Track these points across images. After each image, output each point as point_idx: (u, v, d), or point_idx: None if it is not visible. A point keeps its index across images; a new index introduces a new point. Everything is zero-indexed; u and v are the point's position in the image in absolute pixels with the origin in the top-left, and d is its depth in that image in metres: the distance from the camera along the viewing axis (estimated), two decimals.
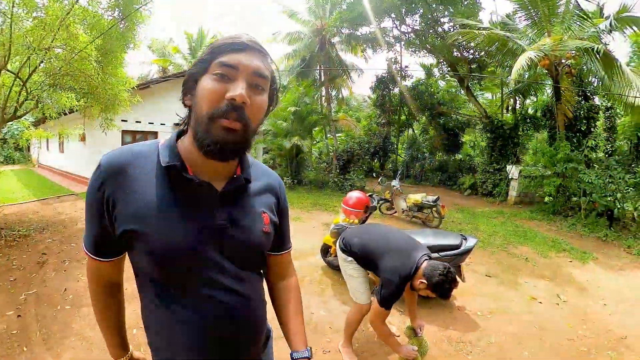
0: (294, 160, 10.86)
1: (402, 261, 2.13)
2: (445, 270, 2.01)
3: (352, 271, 2.47)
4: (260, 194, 0.91)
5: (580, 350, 2.97)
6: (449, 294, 2.03)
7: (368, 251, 2.32)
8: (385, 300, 2.13)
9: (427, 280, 2.02)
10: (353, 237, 2.48)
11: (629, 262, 5.33)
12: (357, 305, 2.50)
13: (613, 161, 7.16)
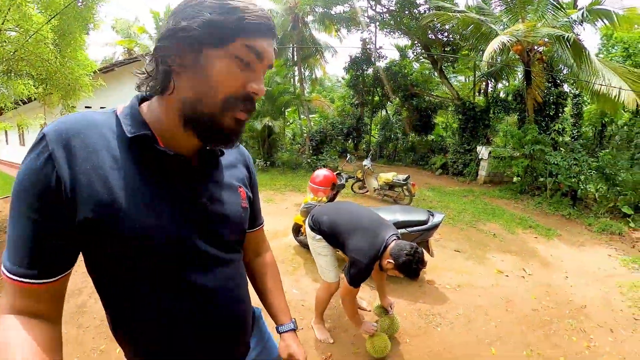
0: (266, 142, 10.59)
1: (369, 241, 2.10)
2: (412, 250, 1.98)
3: (321, 249, 2.42)
4: (232, 167, 0.85)
5: (543, 320, 3.10)
6: (416, 274, 2.01)
7: (336, 230, 2.26)
8: (354, 280, 2.12)
9: (394, 261, 1.99)
10: (322, 215, 2.41)
11: (590, 239, 5.64)
12: (325, 283, 2.46)
13: (578, 145, 7.47)
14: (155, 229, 0.64)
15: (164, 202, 0.66)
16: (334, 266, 2.43)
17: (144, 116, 0.68)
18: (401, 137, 14.37)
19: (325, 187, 3.55)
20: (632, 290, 3.76)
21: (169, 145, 0.67)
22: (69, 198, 0.58)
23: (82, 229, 0.60)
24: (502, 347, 2.69)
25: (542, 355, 2.62)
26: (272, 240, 4.23)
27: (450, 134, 14.03)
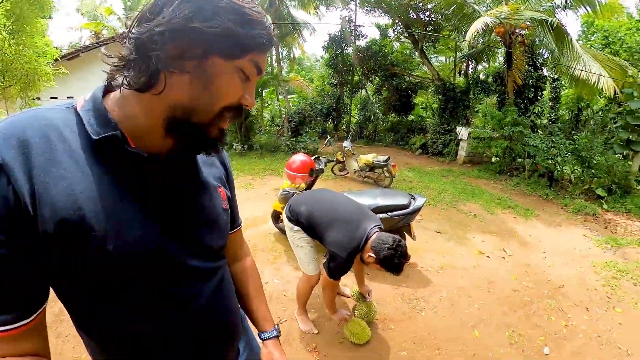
0: (243, 125, 10.20)
1: (349, 234, 1.99)
2: (395, 243, 1.88)
3: (299, 241, 2.29)
4: (209, 166, 0.78)
5: (524, 300, 3.17)
6: (398, 270, 1.91)
7: (314, 222, 2.14)
8: (333, 274, 2.06)
9: (375, 255, 1.90)
10: (300, 205, 2.26)
11: (566, 219, 5.80)
12: (305, 275, 2.36)
13: (556, 128, 7.61)
14: (133, 243, 0.57)
15: (140, 211, 0.59)
16: (314, 258, 2.31)
17: (110, 112, 0.58)
18: (381, 118, 14.24)
19: (303, 173, 3.33)
20: (605, 270, 3.90)
21: (140, 145, 0.59)
22: (31, 216, 0.50)
23: (49, 250, 0.52)
24: (484, 329, 2.71)
25: (523, 336, 2.67)
26: (251, 228, 4.08)
27: (430, 115, 14.07)
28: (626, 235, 5.23)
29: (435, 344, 2.47)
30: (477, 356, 2.42)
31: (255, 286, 0.98)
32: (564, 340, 2.65)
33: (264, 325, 0.93)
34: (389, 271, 1.92)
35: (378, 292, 2.96)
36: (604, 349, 2.59)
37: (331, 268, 2.02)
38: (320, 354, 2.24)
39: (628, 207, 6.30)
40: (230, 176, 0.87)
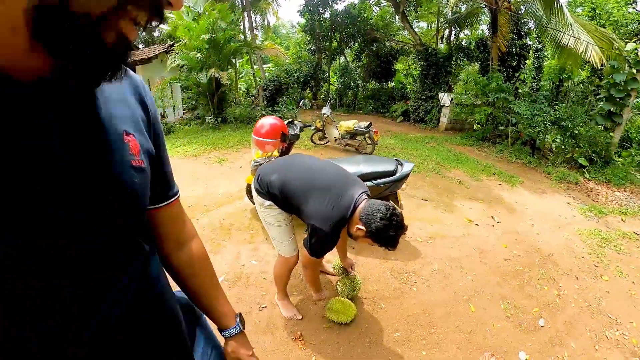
0: (215, 97, 9.51)
1: (333, 202, 1.66)
2: (389, 212, 1.58)
3: (272, 218, 1.94)
4: (117, 104, 0.53)
5: (516, 270, 3.07)
6: (394, 244, 1.62)
7: (289, 191, 1.77)
8: (316, 252, 1.77)
9: (366, 227, 1.60)
10: (270, 174, 1.87)
11: (550, 187, 5.78)
12: (281, 258, 2.03)
13: (541, 96, 7.49)
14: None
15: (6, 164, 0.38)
16: (290, 237, 1.98)
17: None
18: (361, 85, 13.78)
19: (274, 138, 2.79)
20: (590, 238, 3.90)
21: None
22: None
23: None
24: (479, 302, 2.56)
25: (518, 308, 2.57)
26: (225, 205, 3.71)
27: (411, 81, 13.71)
28: (607, 204, 5.29)
29: (430, 322, 2.28)
30: (474, 332, 2.26)
31: (208, 277, 0.81)
32: (557, 311, 2.59)
33: (225, 322, 0.81)
34: (382, 246, 1.63)
35: (365, 268, 2.74)
36: (595, 318, 2.57)
37: (313, 245, 1.71)
38: (306, 342, 2.00)
39: (608, 177, 6.40)
40: (155, 124, 0.62)
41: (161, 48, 11.24)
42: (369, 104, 13.15)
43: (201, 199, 3.86)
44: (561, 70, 8.87)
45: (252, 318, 2.14)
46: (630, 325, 2.53)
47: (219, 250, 2.80)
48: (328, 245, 1.73)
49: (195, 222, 3.31)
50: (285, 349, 1.95)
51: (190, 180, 4.60)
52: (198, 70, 8.91)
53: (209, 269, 0.81)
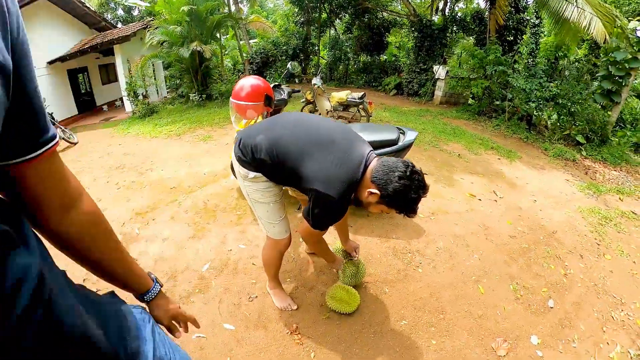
0: (199, 73, 8.96)
1: (340, 161, 1.33)
2: (408, 170, 1.28)
3: (259, 194, 1.58)
4: None
5: (522, 247, 2.93)
6: (414, 209, 1.31)
7: (282, 151, 1.40)
8: (320, 224, 1.46)
9: (381, 189, 1.28)
10: (255, 135, 1.48)
11: (547, 163, 5.66)
12: (270, 240, 1.73)
13: (540, 70, 7.25)
14: None
15: None
16: (280, 216, 1.65)
17: None
18: (352, 58, 13.25)
19: (256, 101, 2.26)
20: (591, 216, 3.82)
21: None
22: None
23: None
24: (488, 283, 2.39)
25: (527, 288, 2.43)
26: (210, 185, 3.41)
27: (404, 54, 13.25)
28: (605, 183, 5.24)
29: (438, 307, 2.09)
30: (485, 316, 2.09)
31: (108, 240, 0.66)
32: (565, 291, 2.49)
33: (143, 284, 0.74)
34: (401, 212, 1.33)
35: (364, 248, 2.52)
36: (601, 298, 2.50)
37: (316, 215, 1.39)
38: (304, 335, 1.78)
39: (604, 156, 6.37)
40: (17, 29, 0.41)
41: (139, 25, 10.56)
42: (361, 78, 12.73)
43: (184, 180, 3.55)
44: (557, 48, 8.66)
45: (241, 310, 1.90)
46: (634, 305, 2.48)
47: (203, 235, 2.53)
48: (335, 215, 1.44)
49: (178, 205, 3.02)
50: (280, 345, 1.73)
51: (174, 160, 4.27)
52: (179, 45, 8.33)
53: (107, 230, 0.66)
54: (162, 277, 2.12)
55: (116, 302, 0.67)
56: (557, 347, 1.98)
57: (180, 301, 1.95)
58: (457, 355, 1.80)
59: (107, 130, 7.22)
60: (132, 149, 5.11)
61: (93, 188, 3.56)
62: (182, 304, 1.93)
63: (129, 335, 0.62)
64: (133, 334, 0.63)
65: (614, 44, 6.65)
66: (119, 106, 11.82)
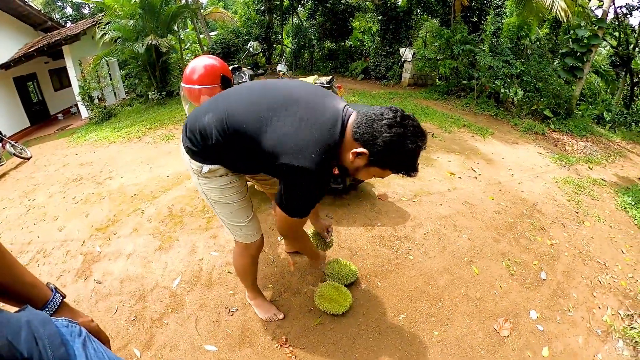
0: (157, 69, 8.40)
1: (307, 122, 1.05)
2: (398, 115, 1.00)
3: (217, 192, 1.28)
4: None
5: (508, 222, 2.90)
6: (415, 163, 1.04)
7: (237, 125, 1.09)
8: (297, 209, 1.15)
9: (369, 146, 1.01)
10: (203, 115, 1.17)
11: (519, 137, 5.75)
12: (239, 245, 1.46)
13: (506, 48, 7.38)
14: None
15: None
16: (247, 216, 1.36)
17: None
18: (317, 45, 12.99)
19: (211, 84, 1.82)
20: (566, 186, 3.91)
21: None
22: None
23: None
24: (481, 263, 2.31)
25: (519, 263, 2.39)
26: (174, 188, 3.10)
27: (369, 38, 13.17)
28: (574, 154, 5.41)
29: (435, 295, 1.96)
30: (483, 298, 1.99)
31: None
32: (554, 261, 2.49)
33: (40, 294, 0.66)
34: (399, 171, 1.05)
35: (349, 240, 2.35)
36: (587, 264, 2.55)
37: (292, 198, 1.11)
38: (295, 347, 1.58)
39: (571, 129, 6.62)
40: None
41: (89, 22, 9.71)
42: (327, 64, 12.53)
43: (146, 186, 3.22)
44: (519, 28, 8.88)
45: (221, 328, 1.67)
46: (617, 268, 2.56)
47: (170, 245, 2.25)
48: (314, 194, 1.13)
49: (141, 214, 2.72)
50: None
51: (134, 165, 3.90)
52: (134, 41, 7.72)
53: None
54: (131, 299, 1.85)
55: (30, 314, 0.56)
56: (555, 319, 1.97)
57: (152, 324, 1.70)
58: (461, 343, 1.69)
59: (63, 140, 6.63)
60: (89, 157, 4.67)
61: (49, 206, 3.19)
62: (155, 328, 1.68)
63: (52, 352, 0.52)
64: (57, 352, 0.53)
65: (576, 22, 6.88)
66: (74, 113, 10.96)
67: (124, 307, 1.81)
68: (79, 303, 1.89)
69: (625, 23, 10.86)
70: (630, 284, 2.38)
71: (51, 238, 2.56)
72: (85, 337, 0.62)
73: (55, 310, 0.68)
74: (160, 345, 1.60)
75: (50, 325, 0.56)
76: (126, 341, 1.63)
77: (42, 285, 0.68)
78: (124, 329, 1.69)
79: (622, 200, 3.78)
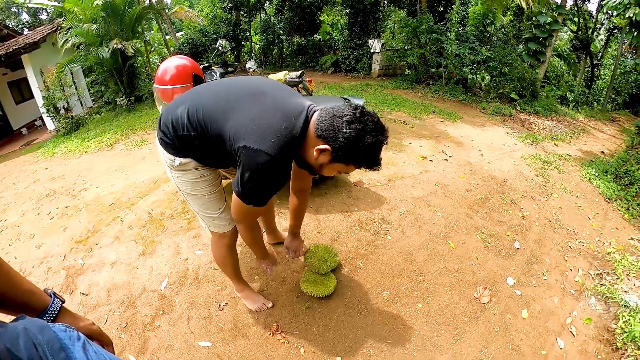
0: (124, 74, 8.14)
1: (271, 110, 1.09)
2: (358, 112, 1.06)
3: (189, 185, 1.32)
4: None
5: (480, 199, 3.05)
6: (377, 157, 1.09)
7: (206, 116, 1.13)
8: (252, 195, 1.14)
9: (331, 142, 1.05)
10: (175, 108, 1.20)
11: (487, 120, 6.01)
12: (214, 235, 1.50)
13: (471, 35, 7.63)
14: None
15: None
16: (219, 207, 1.40)
17: None
18: (286, 40, 12.97)
19: (183, 83, 1.86)
20: (534, 162, 4.15)
21: None
22: None
23: None
24: (457, 237, 2.44)
25: (493, 235, 2.53)
26: (152, 193, 3.07)
27: (338, 32, 13.24)
28: (540, 132, 5.71)
29: (415, 270, 2.06)
30: (461, 270, 2.11)
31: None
32: (526, 231, 2.66)
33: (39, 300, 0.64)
34: (361, 165, 1.11)
35: (329, 226, 2.42)
36: (557, 232, 2.71)
37: (248, 183, 1.09)
38: (287, 333, 1.64)
39: (536, 109, 7.00)
40: None
41: (49, 28, 9.19)
42: (297, 60, 12.59)
43: (123, 193, 3.17)
44: (485, 16, 9.22)
45: (213, 323, 1.71)
46: (585, 233, 2.75)
47: (154, 250, 2.25)
48: (272, 182, 1.13)
49: (120, 222, 2.68)
50: (265, 350, 1.57)
51: (108, 174, 3.81)
52: (97, 46, 7.43)
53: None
54: (120, 307, 1.85)
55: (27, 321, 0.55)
56: (531, 283, 2.10)
57: (144, 329, 1.71)
58: (444, 313, 1.80)
59: (30, 155, 6.33)
60: (60, 170, 4.50)
61: (24, 224, 3.07)
62: (147, 332, 1.69)
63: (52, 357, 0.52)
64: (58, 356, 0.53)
65: (537, 9, 7.22)
66: (39, 126, 10.41)
67: (113, 316, 1.81)
68: None
69: (584, 9, 11.49)
70: (598, 247, 2.56)
71: (30, 257, 2.48)
72: (84, 341, 0.62)
73: (55, 315, 0.67)
74: (154, 348, 1.61)
75: (48, 330, 0.56)
76: (120, 349, 1.63)
77: (40, 292, 0.67)
78: (116, 337, 1.68)
79: (586, 172, 4.04)
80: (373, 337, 1.63)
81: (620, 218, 3.13)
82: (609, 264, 2.37)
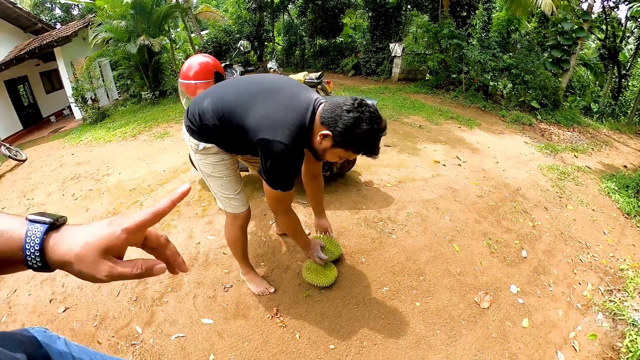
0: (149, 69, 8.46)
1: (285, 105, 1.26)
2: (356, 102, 1.22)
3: (210, 167, 1.49)
4: None
5: (490, 205, 3.02)
6: (373, 144, 1.24)
7: (227, 109, 1.31)
8: (278, 180, 1.32)
9: (332, 128, 1.22)
10: (202, 101, 1.39)
11: (506, 128, 5.93)
12: (228, 216, 1.65)
13: (493, 42, 7.52)
14: None
15: None
16: (236, 190, 1.56)
17: None
18: (308, 42, 13.11)
19: (205, 79, 2.11)
20: (550, 172, 4.06)
21: None
22: None
23: None
24: (462, 241, 2.43)
25: (500, 242, 2.51)
26: (171, 181, 3.21)
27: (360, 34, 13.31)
28: (560, 143, 5.58)
29: (417, 270, 2.09)
30: (464, 273, 2.12)
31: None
32: (535, 241, 2.61)
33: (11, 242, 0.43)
34: (359, 152, 1.26)
35: (335, 222, 2.47)
36: (568, 244, 2.65)
37: (271, 170, 1.28)
38: (285, 317, 1.71)
39: (558, 119, 6.83)
40: None
41: (81, 23, 9.67)
42: (318, 61, 12.69)
43: (143, 180, 3.33)
44: (509, 22, 9.07)
45: (217, 302, 1.80)
46: (598, 248, 2.66)
47: (169, 232, 2.37)
48: (290, 166, 1.30)
49: (139, 206, 2.83)
50: (262, 331, 1.65)
51: (131, 162, 4.00)
52: (126, 41, 7.78)
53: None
54: (132, 282, 1.96)
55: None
56: (536, 293, 2.07)
57: (153, 303, 1.82)
58: (442, 313, 1.81)
59: (58, 141, 6.68)
60: (86, 156, 4.75)
61: (49, 203, 3.27)
62: (155, 306, 1.80)
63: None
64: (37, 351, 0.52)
65: (561, 16, 7.04)
66: (67, 115, 10.96)
67: (125, 290, 1.93)
68: (82, 289, 2.00)
69: (612, 16, 11.07)
70: (611, 262, 2.48)
71: None
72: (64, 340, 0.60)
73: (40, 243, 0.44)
74: (160, 321, 1.72)
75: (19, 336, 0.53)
76: (128, 320, 1.74)
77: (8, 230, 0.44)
78: (126, 309, 1.80)
79: (605, 185, 3.91)
80: (368, 329, 1.68)
81: (638, 235, 3.02)
82: (620, 280, 2.29)
